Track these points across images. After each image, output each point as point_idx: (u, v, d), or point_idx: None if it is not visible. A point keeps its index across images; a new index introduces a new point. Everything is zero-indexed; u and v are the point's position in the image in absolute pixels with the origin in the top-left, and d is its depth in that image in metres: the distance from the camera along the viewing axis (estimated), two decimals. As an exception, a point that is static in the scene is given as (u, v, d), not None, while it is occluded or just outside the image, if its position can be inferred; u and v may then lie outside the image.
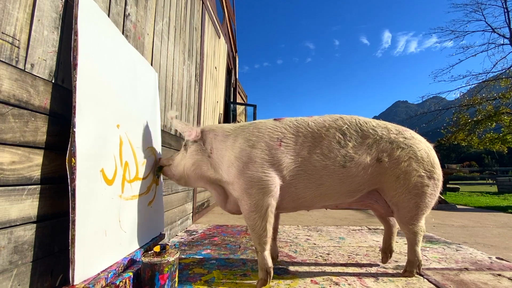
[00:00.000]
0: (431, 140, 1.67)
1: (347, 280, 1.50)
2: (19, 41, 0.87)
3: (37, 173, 0.93)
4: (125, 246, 1.28)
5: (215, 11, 4.57)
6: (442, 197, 5.29)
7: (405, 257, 1.76)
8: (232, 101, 7.08)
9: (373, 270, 1.66)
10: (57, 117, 1.02)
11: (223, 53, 5.48)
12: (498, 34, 12.24)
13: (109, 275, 1.06)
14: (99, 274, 1.04)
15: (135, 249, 1.37)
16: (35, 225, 0.92)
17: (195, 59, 3.23)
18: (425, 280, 1.52)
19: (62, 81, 1.04)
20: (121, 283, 1.11)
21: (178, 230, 2.57)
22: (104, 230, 1.11)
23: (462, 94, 13.01)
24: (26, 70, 0.89)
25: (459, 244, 2.34)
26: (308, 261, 1.82)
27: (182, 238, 2.40)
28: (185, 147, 1.61)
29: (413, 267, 1.56)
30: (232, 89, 7.27)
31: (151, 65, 1.91)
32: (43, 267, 0.95)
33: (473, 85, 12.36)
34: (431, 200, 1.51)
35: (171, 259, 1.27)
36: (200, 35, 3.45)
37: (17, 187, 0.86)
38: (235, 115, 6.93)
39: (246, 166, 1.39)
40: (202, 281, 1.45)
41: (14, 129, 0.85)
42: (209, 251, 2.02)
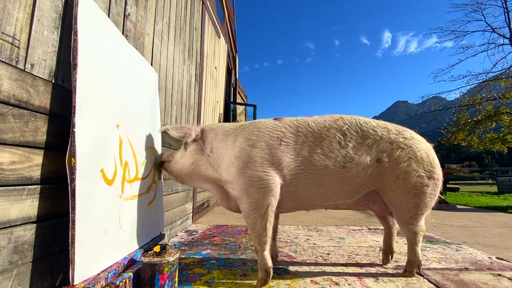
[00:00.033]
0: (431, 140, 1.66)
1: (347, 280, 1.50)
2: (19, 41, 0.87)
3: (37, 173, 0.93)
4: (125, 246, 1.28)
5: (215, 11, 4.57)
6: (442, 197, 5.29)
7: (405, 257, 1.76)
8: (232, 101, 7.08)
9: (373, 270, 1.66)
10: (57, 117, 1.03)
11: (223, 53, 5.48)
12: (498, 34, 12.25)
13: (109, 275, 1.06)
14: (99, 274, 1.04)
15: (135, 249, 1.37)
16: (35, 225, 0.92)
17: (195, 59, 3.23)
18: (425, 280, 1.52)
19: (62, 81, 1.04)
20: (121, 283, 1.11)
21: (178, 230, 2.57)
22: (104, 230, 1.11)
23: (462, 94, 13.01)
24: (26, 70, 0.89)
25: (459, 244, 2.34)
26: (308, 261, 1.82)
27: (182, 238, 2.40)
28: (185, 145, 1.62)
29: (413, 267, 1.56)
30: (232, 89, 7.28)
31: (151, 65, 1.91)
32: (43, 267, 0.95)
33: (473, 85, 12.36)
34: (431, 200, 1.51)
35: (171, 259, 1.27)
36: (200, 35, 3.45)
37: (17, 187, 0.86)
38: (235, 115, 6.93)
39: (246, 165, 1.39)
40: (202, 281, 1.45)
41: (14, 129, 0.85)
42: (209, 251, 2.02)
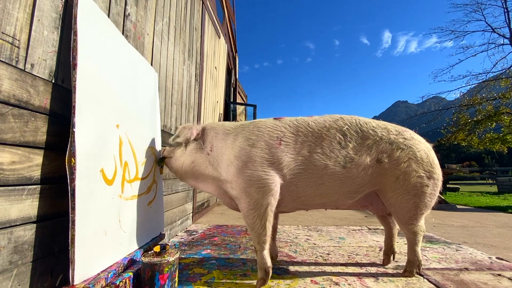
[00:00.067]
0: (431, 140, 1.66)
1: (347, 280, 1.50)
2: (19, 41, 0.87)
3: (37, 173, 0.93)
4: (125, 246, 1.28)
5: (215, 11, 4.57)
6: (442, 197, 5.29)
7: (405, 257, 1.76)
8: (232, 101, 7.08)
9: (373, 270, 1.66)
10: (57, 117, 1.03)
11: (223, 53, 5.48)
12: (498, 34, 12.25)
13: (109, 275, 1.06)
14: (99, 274, 1.04)
15: (135, 249, 1.37)
16: (35, 225, 0.92)
17: (195, 59, 3.23)
18: (425, 280, 1.52)
19: (62, 81, 1.04)
20: (121, 283, 1.11)
21: (178, 230, 2.57)
22: (104, 230, 1.11)
23: (462, 94, 13.01)
24: (26, 70, 0.89)
25: (459, 244, 2.34)
26: (308, 261, 1.82)
27: (182, 238, 2.40)
28: (186, 144, 1.62)
29: (413, 267, 1.56)
30: (232, 89, 7.27)
31: (151, 65, 1.91)
32: (43, 267, 0.95)
33: (473, 85, 12.36)
34: (431, 200, 1.51)
35: (171, 259, 1.27)
36: (200, 35, 3.45)
37: (17, 187, 0.86)
38: (235, 115, 6.93)
39: (245, 165, 1.39)
40: (202, 281, 1.45)
41: (14, 129, 0.85)
42: (209, 251, 2.02)
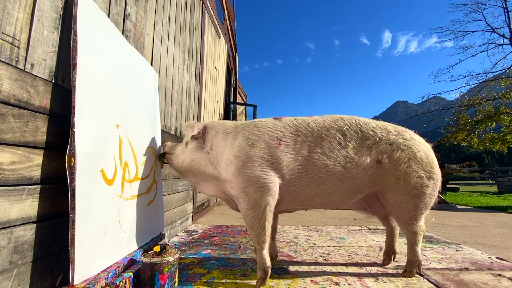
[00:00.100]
0: (431, 140, 1.67)
1: (347, 280, 1.50)
2: (19, 41, 0.87)
3: (37, 173, 0.93)
4: (125, 246, 1.28)
5: (215, 11, 4.57)
6: (442, 197, 5.28)
7: (405, 257, 1.76)
8: (232, 101, 7.08)
9: (373, 270, 1.66)
10: (57, 117, 1.03)
11: (223, 53, 5.48)
12: (498, 34, 12.25)
13: (109, 275, 1.06)
14: (99, 274, 1.04)
15: (135, 249, 1.37)
16: (35, 225, 0.92)
17: (195, 59, 3.23)
18: (425, 280, 1.52)
19: (62, 81, 1.04)
20: (121, 283, 1.11)
21: (178, 230, 2.57)
22: (104, 230, 1.11)
23: (462, 94, 13.01)
24: (26, 70, 0.89)
25: (459, 244, 2.34)
26: (308, 261, 1.82)
27: (182, 238, 2.40)
28: (187, 141, 1.62)
29: (413, 267, 1.56)
30: (232, 89, 7.27)
31: (151, 65, 1.91)
32: (43, 267, 0.95)
33: (473, 85, 12.36)
34: (430, 200, 1.52)
35: (171, 259, 1.27)
36: (200, 35, 3.45)
37: (17, 187, 0.86)
38: (235, 115, 6.93)
39: (244, 165, 1.39)
40: (202, 281, 1.45)
41: (14, 129, 0.85)
42: (209, 251, 2.02)
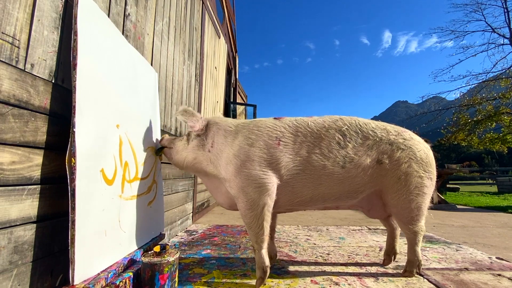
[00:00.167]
0: (431, 140, 1.67)
1: (347, 280, 1.50)
2: (19, 41, 0.87)
3: (37, 173, 0.93)
4: (125, 246, 1.28)
5: (215, 11, 4.57)
6: (442, 197, 5.28)
7: (405, 257, 1.76)
8: (232, 101, 7.09)
9: (373, 270, 1.66)
10: (57, 117, 1.03)
11: (223, 53, 5.48)
12: (498, 34, 12.26)
13: (109, 275, 1.06)
14: (99, 274, 1.04)
15: (135, 249, 1.37)
16: (35, 225, 0.92)
17: (195, 59, 3.23)
18: (425, 280, 1.52)
19: (62, 81, 1.04)
20: (121, 283, 1.11)
21: (178, 230, 2.57)
22: (104, 230, 1.11)
23: (462, 94, 13.02)
24: (26, 70, 0.89)
25: (459, 244, 2.34)
26: (308, 261, 1.82)
27: (182, 238, 2.40)
28: (188, 137, 1.61)
29: (413, 267, 1.56)
30: (232, 89, 7.27)
31: (151, 65, 1.91)
32: (43, 267, 0.95)
33: (473, 85, 12.37)
34: (429, 199, 1.54)
35: (171, 259, 1.27)
36: (200, 35, 3.45)
37: (17, 187, 0.86)
38: (235, 115, 6.93)
39: (243, 164, 1.39)
40: (202, 281, 1.45)
41: (14, 129, 0.85)
42: (209, 251, 2.02)
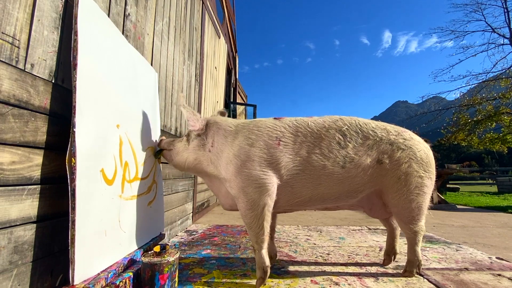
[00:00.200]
0: (431, 140, 1.67)
1: (347, 280, 1.50)
2: (19, 41, 0.87)
3: (37, 173, 0.93)
4: (125, 246, 1.28)
5: (215, 11, 4.57)
6: (442, 197, 5.28)
7: (405, 257, 1.76)
8: (232, 101, 7.09)
9: (373, 270, 1.66)
10: (57, 117, 1.02)
11: (223, 53, 5.48)
12: (498, 34, 12.26)
13: (109, 275, 1.06)
14: (99, 274, 1.04)
15: (135, 249, 1.37)
16: (35, 225, 0.92)
17: (195, 59, 3.23)
18: (425, 280, 1.52)
19: (62, 81, 1.04)
20: (121, 283, 1.11)
21: (178, 230, 2.57)
22: (104, 230, 1.11)
23: (462, 94, 13.02)
24: (26, 70, 0.89)
25: (459, 244, 2.34)
26: (308, 261, 1.82)
27: (182, 238, 2.40)
28: (188, 137, 1.60)
29: (413, 267, 1.56)
30: (232, 89, 7.28)
31: (151, 65, 1.91)
32: (43, 267, 0.95)
33: (473, 85, 12.37)
34: (429, 199, 1.54)
35: (171, 259, 1.27)
36: (200, 35, 3.45)
37: (17, 187, 0.86)
38: (235, 115, 6.93)
39: (244, 164, 1.39)
40: (202, 281, 1.45)
41: (14, 129, 0.85)
42: (209, 251, 2.02)
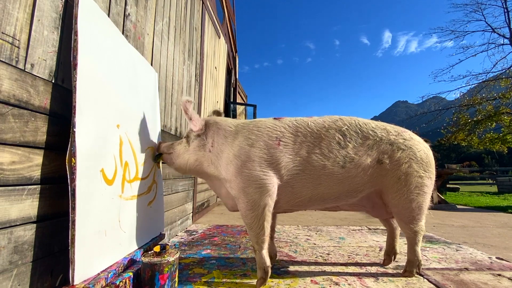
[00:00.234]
0: (431, 140, 1.67)
1: (347, 280, 1.50)
2: (19, 41, 0.87)
3: (37, 173, 0.93)
4: (125, 246, 1.28)
5: (215, 11, 4.57)
6: (442, 197, 5.28)
7: (405, 257, 1.76)
8: (232, 101, 7.09)
9: (373, 270, 1.66)
10: (57, 117, 1.02)
11: (223, 53, 5.48)
12: (498, 34, 12.26)
13: (109, 275, 1.06)
14: (99, 274, 1.04)
15: (135, 249, 1.37)
16: (35, 225, 0.92)
17: (195, 59, 3.23)
18: (425, 280, 1.52)
19: (62, 81, 1.04)
20: (121, 283, 1.11)
21: (178, 230, 2.57)
22: (104, 230, 1.11)
23: (462, 94, 13.03)
24: (26, 70, 0.89)
25: (459, 244, 2.34)
26: (308, 261, 1.82)
27: (182, 238, 2.40)
28: (187, 139, 1.59)
29: (413, 267, 1.56)
30: (232, 89, 7.28)
31: (151, 65, 1.91)
32: (43, 267, 0.95)
33: (473, 85, 12.38)
34: (429, 199, 1.54)
35: (171, 259, 1.27)
36: (200, 35, 3.45)
37: (17, 187, 0.86)
38: (235, 115, 6.94)
39: (244, 164, 1.39)
40: (202, 281, 1.45)
41: (14, 129, 0.85)
42: (209, 251, 2.02)
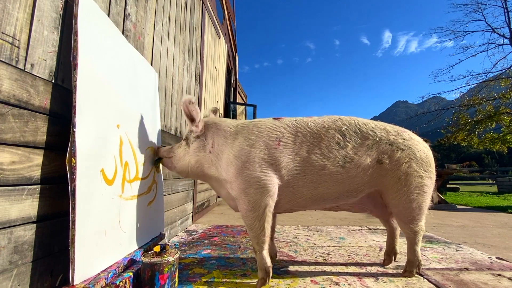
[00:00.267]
0: (431, 140, 1.67)
1: (347, 280, 1.50)
2: (19, 41, 0.87)
3: (37, 173, 0.93)
4: (125, 246, 1.28)
5: (215, 11, 4.57)
6: (442, 197, 5.28)
7: (405, 257, 1.76)
8: (232, 101, 7.09)
9: (373, 270, 1.66)
10: (57, 117, 1.02)
11: (223, 53, 5.48)
12: (498, 34, 12.27)
13: (109, 275, 1.06)
14: (99, 274, 1.04)
15: (135, 249, 1.37)
16: (35, 225, 0.92)
17: (195, 59, 3.23)
18: (425, 280, 1.52)
19: (62, 81, 1.04)
20: (121, 283, 1.11)
21: (178, 230, 2.57)
22: (104, 230, 1.11)
23: (462, 94, 13.04)
24: (26, 70, 0.89)
25: (459, 244, 2.34)
26: (308, 261, 1.82)
27: (182, 238, 2.40)
28: (187, 141, 1.58)
29: (413, 267, 1.56)
30: (232, 89, 7.28)
31: (151, 65, 1.91)
32: (43, 267, 0.95)
33: (473, 85, 12.38)
34: (429, 199, 1.54)
35: (171, 259, 1.27)
36: (200, 35, 3.45)
37: (17, 187, 0.86)
38: (235, 115, 6.94)
39: (244, 165, 1.39)
40: (202, 281, 1.45)
41: (14, 129, 0.85)
42: (209, 251, 2.02)
